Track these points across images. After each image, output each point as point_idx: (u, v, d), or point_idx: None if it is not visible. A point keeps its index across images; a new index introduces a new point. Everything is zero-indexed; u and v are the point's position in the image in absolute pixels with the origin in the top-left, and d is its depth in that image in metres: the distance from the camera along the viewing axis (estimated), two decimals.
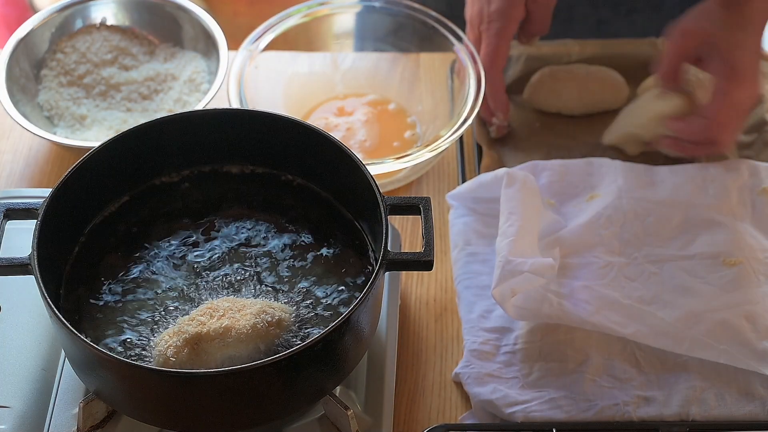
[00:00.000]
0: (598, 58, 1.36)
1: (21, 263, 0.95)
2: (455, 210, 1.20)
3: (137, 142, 1.06)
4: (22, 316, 1.08)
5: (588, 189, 1.21)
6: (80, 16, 1.37)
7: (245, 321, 0.95)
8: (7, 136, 1.32)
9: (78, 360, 0.96)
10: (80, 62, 1.33)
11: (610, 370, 1.06)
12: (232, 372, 0.89)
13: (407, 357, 1.10)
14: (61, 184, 1.00)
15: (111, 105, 1.31)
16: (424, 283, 1.17)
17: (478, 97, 1.23)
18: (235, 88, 1.25)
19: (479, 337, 1.09)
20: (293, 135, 1.07)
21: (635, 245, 1.15)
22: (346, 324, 0.92)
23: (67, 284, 1.02)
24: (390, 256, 0.96)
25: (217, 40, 1.32)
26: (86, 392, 1.00)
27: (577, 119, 1.32)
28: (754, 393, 1.04)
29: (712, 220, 1.17)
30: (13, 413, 1.01)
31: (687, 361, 1.06)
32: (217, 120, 1.09)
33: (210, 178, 1.11)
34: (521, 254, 1.07)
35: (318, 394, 0.97)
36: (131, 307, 1.00)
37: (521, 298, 1.06)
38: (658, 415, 1.03)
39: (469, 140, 1.30)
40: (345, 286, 1.02)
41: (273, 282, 1.02)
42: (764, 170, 1.21)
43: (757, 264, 1.13)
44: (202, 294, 1.01)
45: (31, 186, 1.26)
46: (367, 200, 1.01)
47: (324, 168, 1.08)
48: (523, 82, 1.35)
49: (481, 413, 1.05)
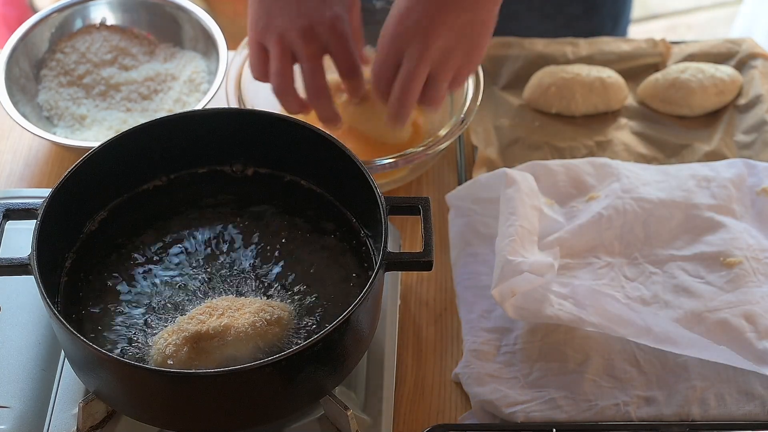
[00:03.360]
0: (597, 58, 1.36)
1: (21, 263, 0.95)
2: (455, 210, 1.20)
3: (137, 142, 1.06)
4: (22, 316, 1.08)
5: (588, 189, 1.21)
6: (80, 16, 1.37)
7: (244, 320, 0.95)
8: (6, 136, 1.32)
9: (78, 360, 0.96)
10: (80, 62, 1.33)
11: (610, 370, 1.06)
12: (232, 372, 0.89)
13: (407, 357, 1.10)
14: (61, 184, 1.00)
15: (111, 105, 1.31)
16: (424, 283, 1.17)
17: (477, 97, 1.23)
18: (234, 88, 1.25)
19: (479, 337, 1.09)
20: (292, 135, 1.07)
21: (635, 245, 1.15)
22: (346, 324, 0.92)
23: (66, 284, 1.02)
24: (390, 256, 0.96)
25: (217, 40, 1.32)
26: (86, 392, 1.00)
27: (577, 119, 1.32)
28: (753, 393, 1.04)
29: (712, 220, 1.17)
30: (13, 413, 1.01)
31: (687, 361, 1.06)
32: (217, 120, 1.09)
33: (209, 178, 1.11)
34: (521, 254, 1.07)
35: (318, 394, 0.97)
36: (131, 306, 1.00)
37: (521, 298, 1.06)
38: (658, 415, 1.03)
39: (469, 140, 1.30)
40: (345, 286, 1.02)
41: (272, 281, 1.02)
42: (764, 170, 1.22)
43: (757, 264, 1.13)
44: (201, 293, 1.01)
45: (30, 186, 1.26)
46: (366, 200, 1.01)
47: (324, 168, 1.08)
48: (522, 82, 1.35)
49: (480, 413, 1.05)
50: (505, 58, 1.37)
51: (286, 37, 1.14)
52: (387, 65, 1.14)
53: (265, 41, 1.16)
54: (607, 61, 1.36)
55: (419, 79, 1.12)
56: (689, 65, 1.33)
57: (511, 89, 1.35)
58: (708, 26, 2.86)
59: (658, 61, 1.37)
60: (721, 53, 1.38)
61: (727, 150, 1.28)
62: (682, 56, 1.37)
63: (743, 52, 1.37)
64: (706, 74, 1.31)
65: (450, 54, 1.12)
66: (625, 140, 1.29)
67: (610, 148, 1.28)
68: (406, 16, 1.12)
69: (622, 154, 1.27)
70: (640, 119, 1.32)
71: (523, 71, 1.36)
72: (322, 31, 1.14)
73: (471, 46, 1.13)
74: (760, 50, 1.37)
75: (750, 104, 1.31)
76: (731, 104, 1.32)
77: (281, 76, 1.15)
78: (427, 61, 1.11)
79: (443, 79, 1.14)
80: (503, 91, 1.35)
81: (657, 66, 1.37)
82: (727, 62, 1.37)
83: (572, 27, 1.44)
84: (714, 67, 1.33)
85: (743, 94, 1.33)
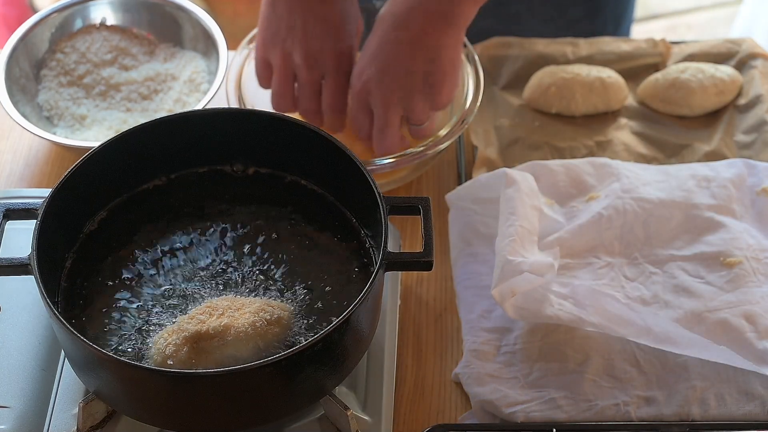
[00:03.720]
0: (597, 58, 1.36)
1: (21, 263, 0.95)
2: (455, 210, 1.20)
3: (137, 142, 1.06)
4: (22, 316, 1.08)
5: (588, 189, 1.21)
6: (80, 16, 1.37)
7: (244, 319, 0.95)
8: (7, 136, 1.32)
9: (78, 360, 0.96)
10: (80, 62, 1.33)
11: (610, 370, 1.06)
12: (232, 372, 0.89)
13: (407, 357, 1.10)
14: (61, 184, 1.00)
15: (111, 105, 1.31)
16: (424, 283, 1.17)
17: (477, 97, 1.23)
18: (234, 88, 1.25)
19: (479, 337, 1.09)
20: (292, 135, 1.07)
21: (635, 245, 1.15)
22: (346, 324, 0.92)
23: (66, 284, 1.02)
24: (390, 256, 0.96)
25: (217, 40, 1.32)
26: (86, 392, 1.00)
27: (577, 119, 1.32)
28: (753, 393, 1.04)
29: (712, 220, 1.17)
30: (13, 413, 1.01)
31: (687, 361, 1.06)
32: (217, 120, 1.09)
33: (209, 178, 1.11)
34: (521, 254, 1.07)
35: (318, 394, 0.97)
36: (131, 306, 1.00)
37: (521, 298, 1.06)
38: (658, 415, 1.03)
39: (469, 140, 1.30)
40: (345, 286, 1.02)
41: (272, 281, 1.02)
42: (764, 170, 1.21)
43: (757, 264, 1.13)
44: (201, 293, 1.01)
45: (31, 186, 1.26)
46: (366, 200, 1.01)
47: (324, 168, 1.08)
48: (522, 83, 1.35)
49: (480, 413, 1.05)
50: (505, 58, 1.37)
51: (290, 59, 1.18)
52: (360, 114, 1.18)
53: (269, 57, 1.20)
54: (607, 61, 1.36)
55: (392, 124, 1.16)
56: (689, 65, 1.33)
57: (511, 89, 1.35)
58: (708, 26, 2.86)
59: (658, 61, 1.37)
60: (721, 53, 1.38)
61: (727, 150, 1.28)
62: (682, 56, 1.37)
63: (743, 52, 1.37)
64: (706, 74, 1.31)
65: (413, 97, 1.16)
66: (625, 140, 1.29)
67: (610, 148, 1.28)
68: (364, 71, 1.16)
69: (622, 154, 1.27)
70: (640, 119, 1.32)
71: (523, 71, 1.36)
72: (325, 62, 1.18)
73: (432, 86, 1.16)
74: (760, 50, 1.37)
75: (750, 104, 1.31)
76: (731, 104, 1.32)
77: (281, 97, 1.21)
78: (394, 108, 1.16)
79: (420, 121, 1.18)
80: (503, 91, 1.35)
81: (657, 66, 1.37)
82: (727, 62, 1.37)
83: (574, 30, 1.44)
84: (714, 67, 1.33)
85: (743, 94, 1.33)
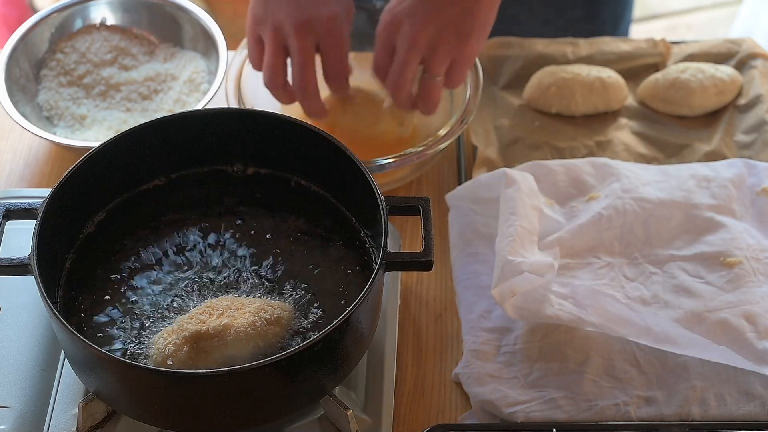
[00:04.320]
0: (596, 58, 1.36)
1: (21, 263, 0.95)
2: (455, 210, 1.20)
3: (137, 142, 1.06)
4: (22, 316, 1.08)
5: (588, 189, 1.21)
6: (80, 16, 1.37)
7: (244, 319, 0.95)
8: (6, 136, 1.32)
9: (78, 360, 0.96)
10: (80, 62, 1.33)
11: (610, 370, 1.06)
12: (232, 372, 0.89)
13: (407, 357, 1.10)
14: (61, 184, 1.00)
15: (111, 105, 1.31)
16: (424, 283, 1.17)
17: (477, 97, 1.23)
18: (234, 88, 1.25)
19: (479, 337, 1.09)
20: (292, 135, 1.07)
21: (635, 245, 1.15)
22: (346, 324, 0.92)
23: (66, 284, 1.02)
24: (389, 256, 0.96)
25: (217, 40, 1.32)
26: (86, 392, 1.00)
27: (577, 119, 1.32)
28: (753, 393, 1.04)
29: (712, 220, 1.17)
30: (13, 413, 1.01)
31: (687, 361, 1.06)
32: (217, 120, 1.09)
33: (209, 178, 1.11)
34: (521, 254, 1.07)
35: (318, 394, 0.97)
36: (131, 305, 1.00)
37: (521, 298, 1.06)
38: (658, 415, 1.03)
39: (469, 140, 1.30)
40: (344, 286, 1.02)
41: (272, 281, 1.02)
42: (764, 170, 1.22)
43: (757, 264, 1.13)
44: (201, 292, 1.01)
45: (30, 186, 1.26)
46: (366, 200, 1.01)
47: (324, 168, 1.08)
48: (522, 82, 1.35)
49: (480, 413, 1.05)
50: (505, 58, 1.37)
51: (281, 31, 1.16)
52: (383, 53, 1.17)
53: (261, 33, 1.18)
54: (607, 61, 1.36)
55: (411, 64, 1.16)
56: (689, 65, 1.33)
57: (511, 89, 1.35)
58: (708, 26, 2.86)
59: (658, 61, 1.37)
60: (721, 53, 1.38)
61: (727, 150, 1.28)
62: (682, 56, 1.37)
63: (743, 52, 1.37)
64: (706, 74, 1.31)
65: (438, 43, 1.15)
66: (625, 140, 1.29)
67: (610, 148, 1.28)
68: (398, 5, 1.16)
69: (622, 154, 1.27)
70: (640, 119, 1.32)
71: (523, 71, 1.36)
72: (317, 27, 1.16)
73: (459, 37, 1.15)
74: (760, 50, 1.37)
75: (750, 104, 1.31)
76: (731, 104, 1.32)
77: (272, 70, 1.18)
78: (417, 47, 1.14)
79: (436, 71, 1.17)
80: (503, 91, 1.35)
81: (657, 66, 1.37)
82: (727, 62, 1.37)
83: (573, 31, 1.45)
84: (714, 67, 1.33)
85: (743, 94, 1.33)
